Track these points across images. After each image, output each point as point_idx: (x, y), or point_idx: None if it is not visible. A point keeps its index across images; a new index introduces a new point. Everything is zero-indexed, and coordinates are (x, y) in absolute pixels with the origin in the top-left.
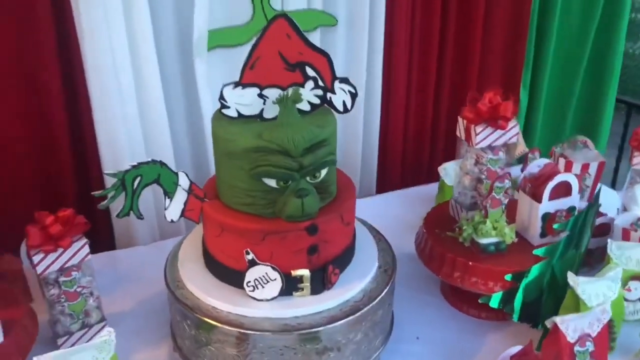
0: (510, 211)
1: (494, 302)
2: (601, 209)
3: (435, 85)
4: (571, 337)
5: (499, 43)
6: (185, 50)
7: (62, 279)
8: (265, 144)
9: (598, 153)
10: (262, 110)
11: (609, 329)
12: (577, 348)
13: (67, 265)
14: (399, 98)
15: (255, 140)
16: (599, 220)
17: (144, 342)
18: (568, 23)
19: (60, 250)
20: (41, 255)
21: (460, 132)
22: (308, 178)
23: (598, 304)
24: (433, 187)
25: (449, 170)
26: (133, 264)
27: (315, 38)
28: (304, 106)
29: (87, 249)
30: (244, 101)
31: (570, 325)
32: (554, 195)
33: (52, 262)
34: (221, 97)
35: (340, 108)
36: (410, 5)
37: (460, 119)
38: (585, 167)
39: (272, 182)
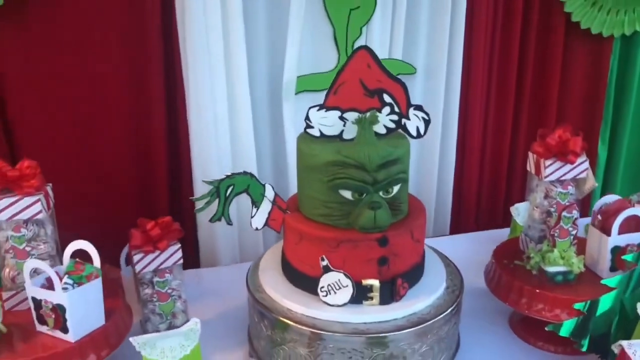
0: (580, 251)
1: (563, 330)
2: None
3: (511, 138)
4: None
5: (576, 97)
6: (275, 94)
7: (156, 279)
8: (343, 159)
9: None
10: (342, 132)
11: None
12: None
13: (161, 267)
14: (475, 142)
15: (335, 155)
16: None
17: (222, 347)
18: None
19: (157, 252)
20: (141, 255)
21: (531, 166)
22: (381, 193)
23: None
24: (507, 231)
25: (520, 210)
26: (215, 281)
27: None
28: (380, 129)
29: (180, 253)
30: (327, 122)
31: (637, 350)
32: (624, 230)
33: (150, 263)
34: (307, 118)
35: (414, 133)
36: (487, 57)
37: (530, 154)
38: None
39: (347, 194)
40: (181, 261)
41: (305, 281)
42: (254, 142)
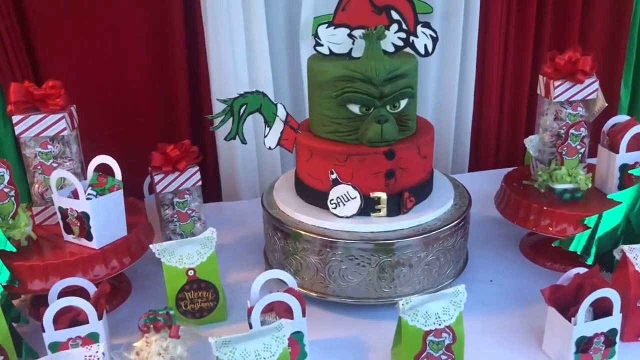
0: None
1: (570, 245)
2: None
3: (532, 72)
4: None
5: (598, 39)
6: (292, 35)
7: (176, 200)
8: (351, 73)
9: None
10: (350, 50)
11: None
12: None
13: (181, 188)
14: (493, 80)
15: (342, 70)
16: None
17: (241, 266)
18: None
19: (177, 173)
20: (161, 175)
21: (541, 89)
22: (388, 107)
23: None
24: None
25: (533, 141)
26: (235, 212)
27: None
28: (389, 47)
29: (198, 175)
30: (335, 40)
31: (639, 254)
32: (633, 147)
33: (170, 183)
34: (315, 35)
35: (422, 51)
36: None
37: (540, 77)
38: None
39: (355, 109)
40: (200, 183)
41: (315, 196)
42: (272, 83)
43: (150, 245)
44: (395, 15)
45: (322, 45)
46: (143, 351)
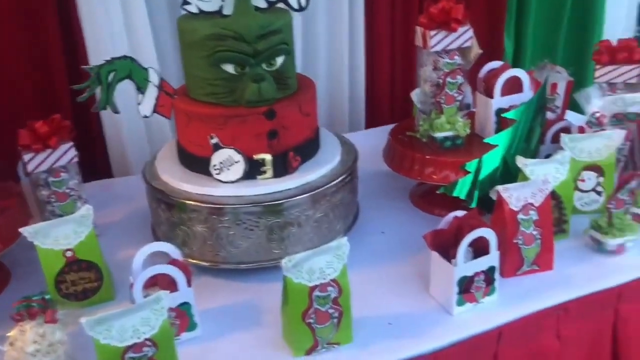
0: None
1: (454, 191)
2: None
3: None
4: (514, 205)
5: None
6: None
7: (51, 179)
8: (221, 31)
9: (566, 74)
10: (221, 7)
11: (560, 210)
12: (520, 216)
13: (55, 166)
14: (383, 36)
15: (212, 28)
16: (559, 125)
17: (130, 243)
18: None
19: (48, 150)
20: (31, 155)
21: (418, 39)
22: (264, 65)
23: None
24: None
25: (418, 94)
26: (125, 188)
27: None
28: (261, 3)
29: (73, 151)
30: None
31: (513, 194)
32: (507, 92)
33: (42, 162)
34: None
35: (296, 5)
36: None
37: (417, 27)
38: (554, 86)
39: (229, 68)
40: (76, 159)
41: (198, 163)
42: (154, 45)
43: (21, 229)
44: None
45: (189, 3)
46: (18, 341)
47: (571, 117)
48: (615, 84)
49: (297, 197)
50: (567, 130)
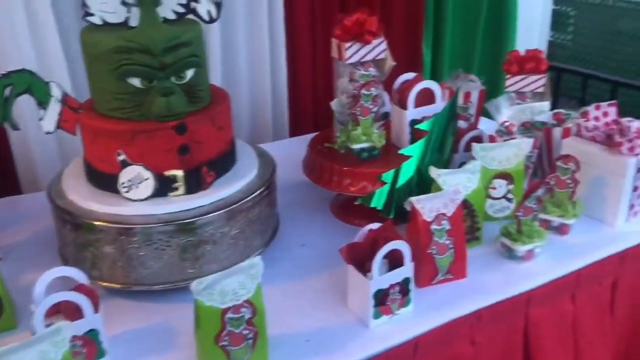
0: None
1: (372, 202)
2: None
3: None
4: (427, 216)
5: (398, 5)
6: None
7: None
8: (127, 43)
9: (479, 83)
10: (127, 19)
11: (473, 218)
12: (433, 226)
13: None
14: (304, 46)
15: (117, 40)
16: (471, 134)
17: (36, 265)
18: None
19: None
20: None
21: (334, 51)
22: (173, 78)
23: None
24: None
25: (337, 103)
26: (33, 205)
27: None
28: (170, 15)
29: None
30: (108, 9)
31: (425, 204)
32: (421, 103)
33: None
34: (83, 5)
35: (206, 17)
36: None
37: (333, 39)
38: (467, 95)
39: (136, 82)
40: None
41: (106, 180)
42: (63, 55)
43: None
44: None
45: (92, 14)
46: None
47: (485, 124)
48: (524, 93)
49: (211, 214)
50: (479, 139)
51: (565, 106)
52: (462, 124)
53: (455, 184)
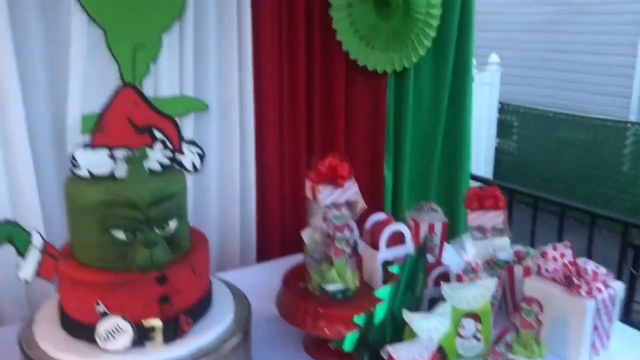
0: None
1: (346, 345)
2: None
3: (306, 165)
4: None
5: (361, 127)
6: (59, 136)
7: None
8: (113, 197)
9: (442, 214)
10: (112, 170)
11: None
12: None
13: None
14: (273, 176)
15: (104, 194)
16: (438, 270)
17: None
18: (421, 108)
19: None
20: None
21: (309, 192)
22: (157, 229)
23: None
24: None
25: (309, 234)
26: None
27: (188, 124)
28: (155, 166)
29: None
30: (95, 162)
31: (402, 353)
32: (391, 244)
33: None
34: (72, 158)
35: (190, 168)
36: (277, 90)
37: (307, 181)
38: (431, 227)
39: (120, 234)
40: None
41: (83, 330)
42: (37, 191)
43: None
44: (159, 135)
45: (80, 168)
46: None
47: (449, 254)
48: (485, 228)
49: None
50: (446, 275)
51: (520, 225)
52: (428, 257)
53: (428, 328)
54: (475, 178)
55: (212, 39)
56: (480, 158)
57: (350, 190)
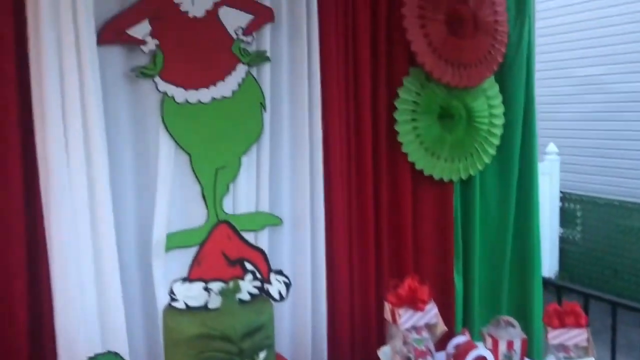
0: None
1: None
2: None
3: (375, 282)
4: None
5: (429, 233)
6: (144, 250)
7: None
8: (208, 331)
9: (521, 331)
10: (207, 302)
11: None
12: None
13: None
14: (343, 292)
15: (200, 327)
16: None
17: None
18: (489, 214)
19: None
20: None
21: (387, 315)
22: None
23: None
24: None
25: (386, 352)
26: None
27: (263, 237)
28: (245, 296)
29: None
30: (191, 294)
31: None
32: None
33: None
34: (171, 292)
35: (277, 297)
36: (346, 203)
37: (386, 303)
38: (510, 344)
39: None
40: None
41: None
42: (122, 302)
43: None
44: (249, 266)
45: (177, 300)
46: None
47: None
48: (567, 346)
49: None
50: None
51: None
52: None
53: None
54: (547, 282)
55: (286, 159)
56: (545, 248)
57: (430, 313)
